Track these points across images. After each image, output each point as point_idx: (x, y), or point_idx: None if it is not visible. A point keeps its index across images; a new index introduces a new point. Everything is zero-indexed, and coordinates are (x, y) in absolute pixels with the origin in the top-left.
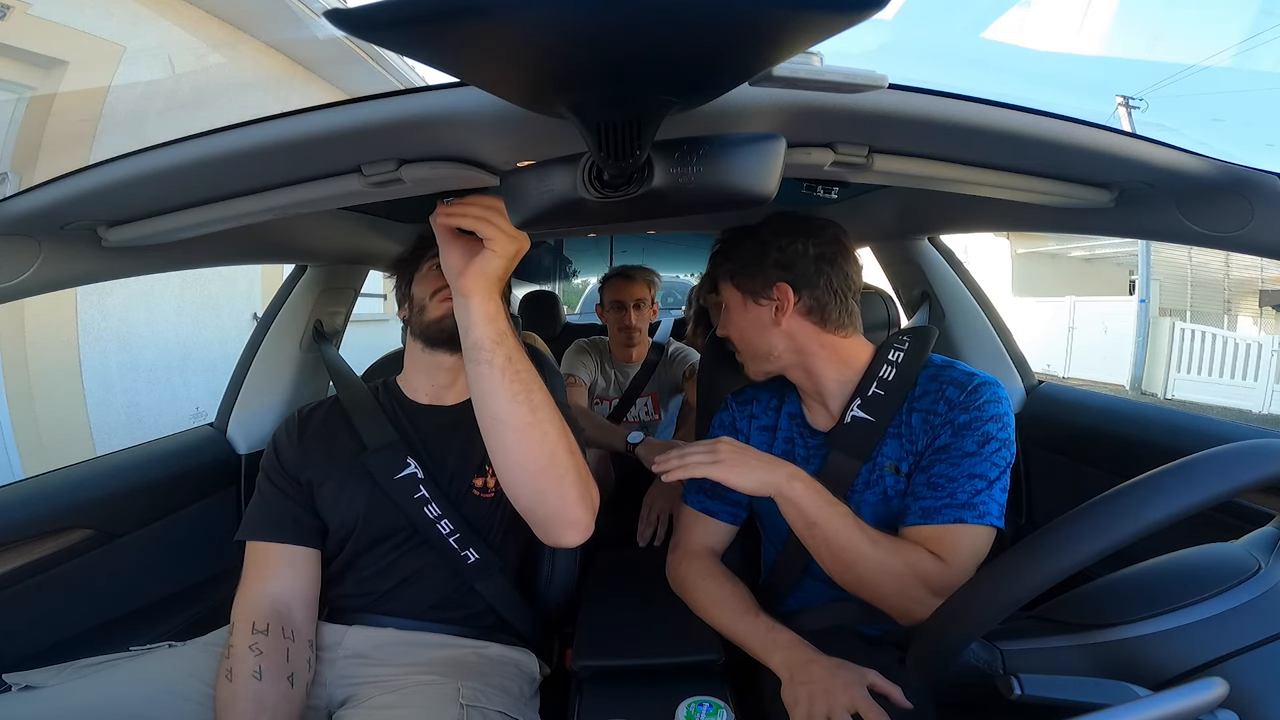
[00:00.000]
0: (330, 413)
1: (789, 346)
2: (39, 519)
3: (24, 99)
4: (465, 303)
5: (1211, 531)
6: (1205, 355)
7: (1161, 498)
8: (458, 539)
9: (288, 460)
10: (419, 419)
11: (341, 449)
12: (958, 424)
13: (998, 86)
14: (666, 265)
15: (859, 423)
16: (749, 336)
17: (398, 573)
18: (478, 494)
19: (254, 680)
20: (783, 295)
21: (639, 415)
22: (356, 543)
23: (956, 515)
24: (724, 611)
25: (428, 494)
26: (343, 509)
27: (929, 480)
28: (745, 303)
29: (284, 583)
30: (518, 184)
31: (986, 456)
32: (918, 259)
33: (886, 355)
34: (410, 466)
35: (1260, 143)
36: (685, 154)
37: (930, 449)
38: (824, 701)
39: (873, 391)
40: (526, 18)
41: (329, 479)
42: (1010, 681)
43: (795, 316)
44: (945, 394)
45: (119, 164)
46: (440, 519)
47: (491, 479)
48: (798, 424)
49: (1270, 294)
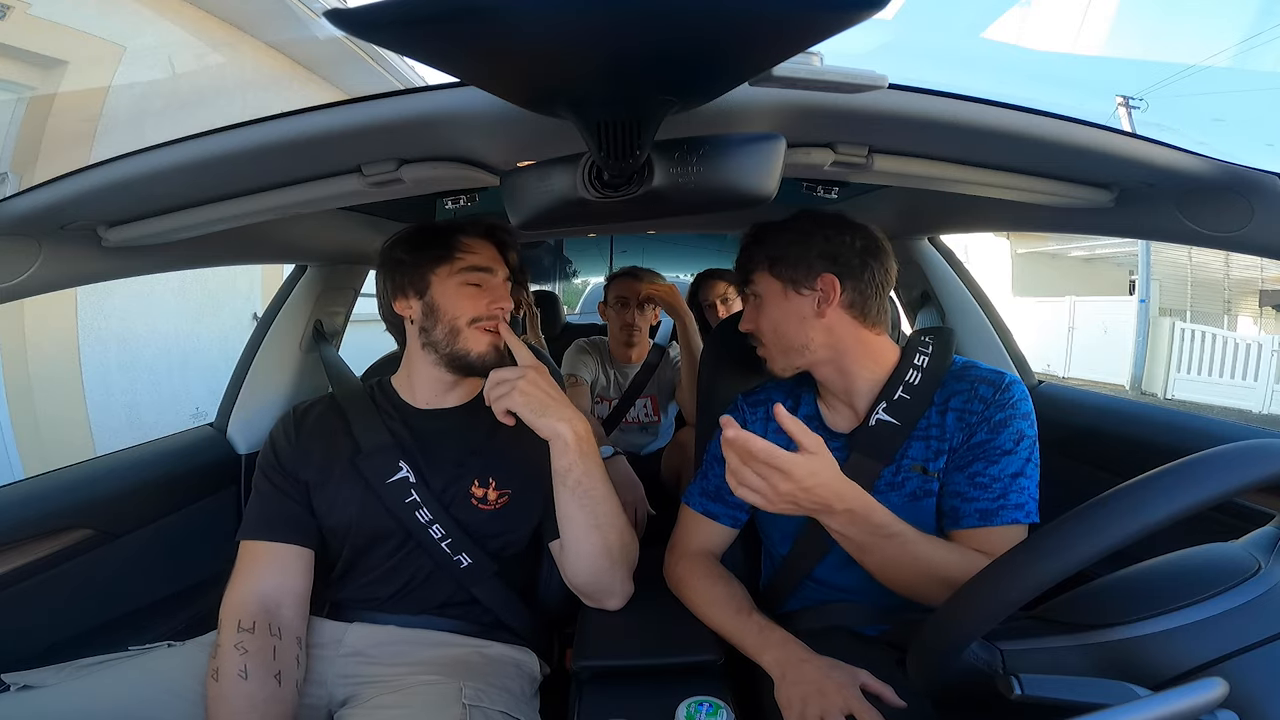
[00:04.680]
0: (327, 411)
1: (826, 341)
2: (39, 519)
3: (24, 99)
4: (564, 442)
5: (1211, 531)
6: (1205, 355)
7: (1161, 498)
8: (450, 544)
9: (286, 458)
10: (415, 422)
11: (337, 449)
12: (994, 421)
13: (998, 86)
14: (666, 265)
15: (883, 425)
16: (785, 328)
17: (399, 577)
18: (476, 503)
19: (239, 679)
20: (828, 286)
21: (638, 416)
22: (354, 545)
23: (1013, 517)
24: (717, 610)
25: (419, 499)
26: (338, 511)
27: (971, 479)
28: (786, 292)
29: (273, 581)
30: (518, 184)
31: (1023, 455)
32: (918, 259)
33: (912, 359)
34: (402, 470)
35: (1260, 143)
36: (685, 154)
37: (965, 445)
38: (818, 702)
39: (899, 395)
40: (526, 18)
41: (326, 480)
42: (1010, 681)
43: (838, 309)
44: (978, 392)
45: (119, 164)
46: (431, 524)
47: (494, 492)
48: (814, 425)
49: (1270, 294)
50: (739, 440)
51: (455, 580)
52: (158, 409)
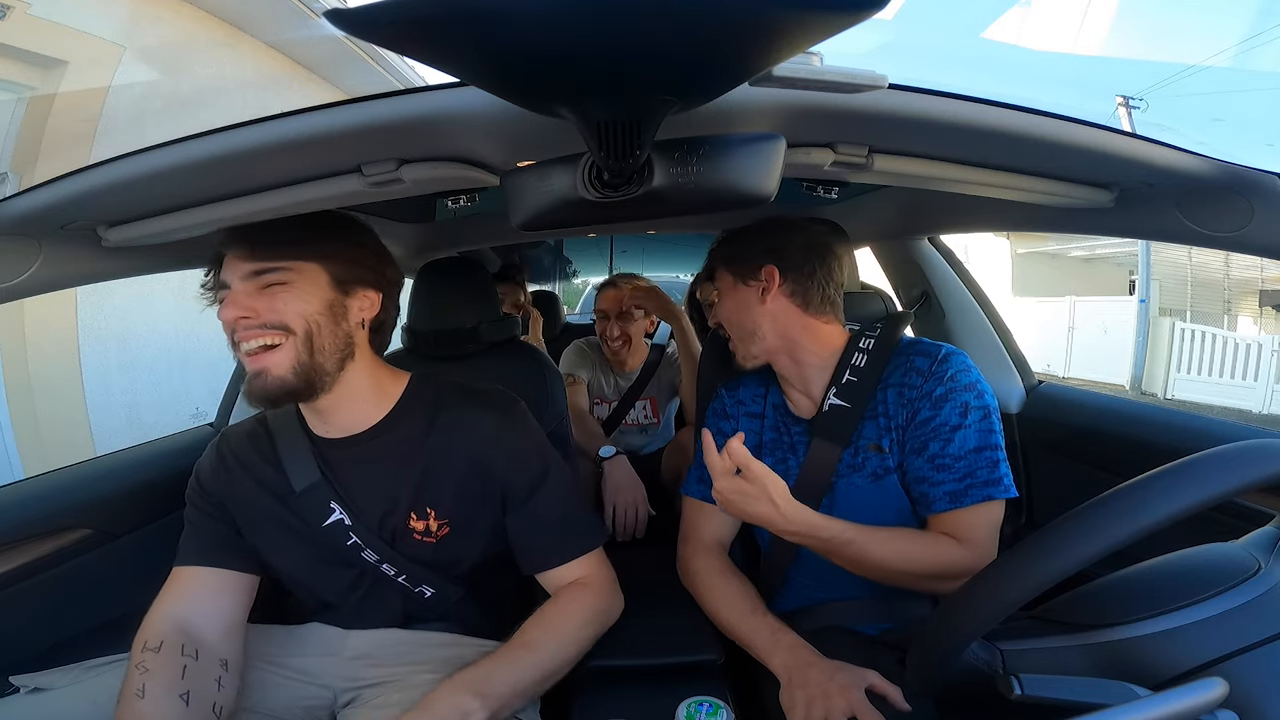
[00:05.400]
0: (254, 440)
1: (773, 327)
2: (39, 519)
3: (24, 99)
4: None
5: (1211, 531)
6: (1205, 355)
7: (1161, 498)
8: (406, 579)
9: (211, 489)
10: (331, 454)
11: (267, 488)
12: (935, 396)
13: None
14: (666, 265)
15: (836, 409)
16: (737, 316)
17: (374, 606)
18: (419, 538)
19: (135, 698)
20: (769, 276)
21: (637, 419)
22: (308, 587)
23: (985, 494)
24: (731, 611)
25: (360, 540)
26: (286, 559)
27: (932, 462)
28: (735, 284)
29: (192, 605)
30: (518, 184)
31: (975, 426)
32: (918, 259)
33: (858, 343)
34: (335, 512)
35: (1260, 143)
36: (685, 154)
37: (912, 424)
38: (821, 705)
39: (846, 379)
40: (526, 18)
41: (261, 522)
42: (1010, 681)
43: (779, 297)
44: (914, 364)
45: (119, 164)
46: (380, 563)
47: (435, 523)
48: (781, 413)
49: (1270, 294)
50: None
51: (428, 603)
52: (158, 409)
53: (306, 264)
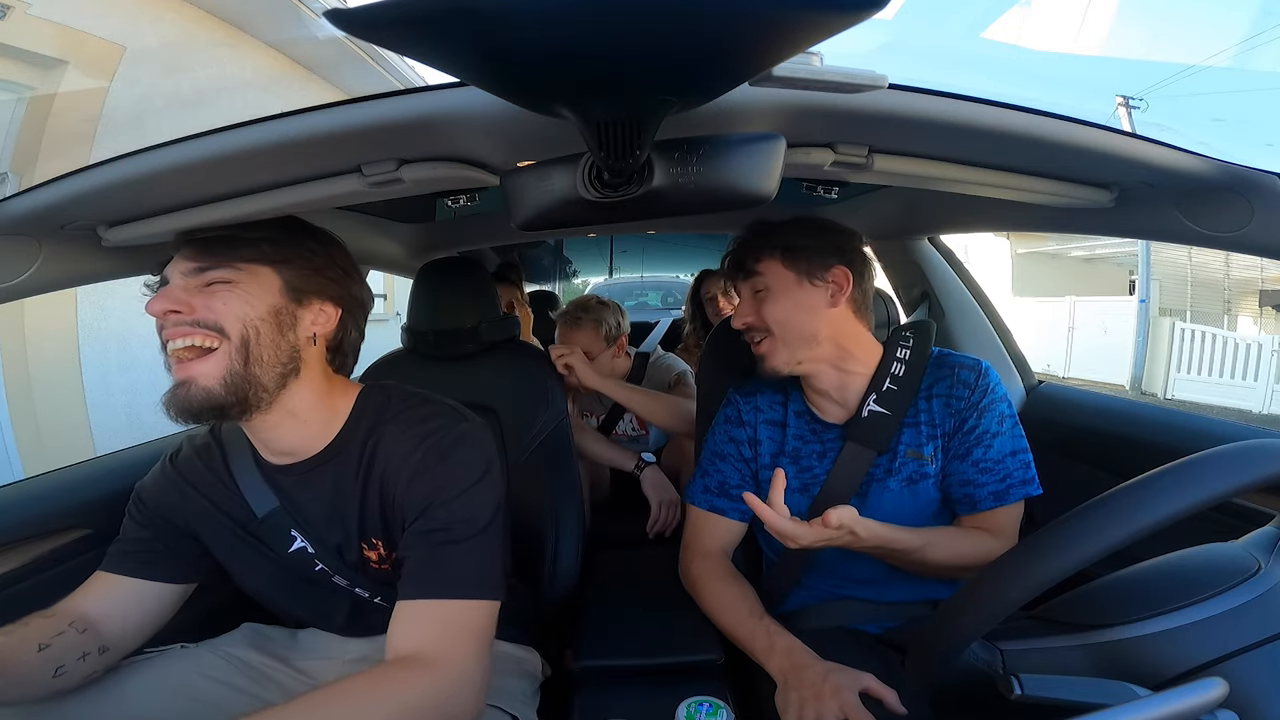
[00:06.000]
0: (206, 456)
1: (832, 334)
2: (38, 519)
3: (24, 99)
4: None
5: (1211, 531)
6: (1205, 355)
7: (1161, 498)
8: (381, 599)
9: (152, 505)
10: (282, 480)
11: (224, 511)
12: (980, 408)
13: (998, 86)
14: (666, 265)
15: (875, 416)
16: (794, 318)
17: (362, 622)
18: (376, 566)
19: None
20: (842, 278)
21: (626, 430)
22: (292, 607)
23: (1023, 492)
24: (729, 614)
25: (327, 568)
26: (258, 581)
27: (976, 466)
28: (800, 283)
29: (100, 607)
30: (518, 184)
31: (1009, 432)
32: (918, 259)
33: (895, 352)
34: (298, 540)
35: (1260, 143)
36: (685, 154)
37: (959, 432)
38: (813, 706)
39: (887, 387)
40: (526, 18)
41: (225, 543)
42: (1010, 681)
43: (845, 302)
44: (961, 378)
45: (119, 164)
46: (353, 586)
47: (384, 549)
48: (806, 420)
49: (1270, 294)
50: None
51: None
52: (158, 409)
53: (258, 267)
